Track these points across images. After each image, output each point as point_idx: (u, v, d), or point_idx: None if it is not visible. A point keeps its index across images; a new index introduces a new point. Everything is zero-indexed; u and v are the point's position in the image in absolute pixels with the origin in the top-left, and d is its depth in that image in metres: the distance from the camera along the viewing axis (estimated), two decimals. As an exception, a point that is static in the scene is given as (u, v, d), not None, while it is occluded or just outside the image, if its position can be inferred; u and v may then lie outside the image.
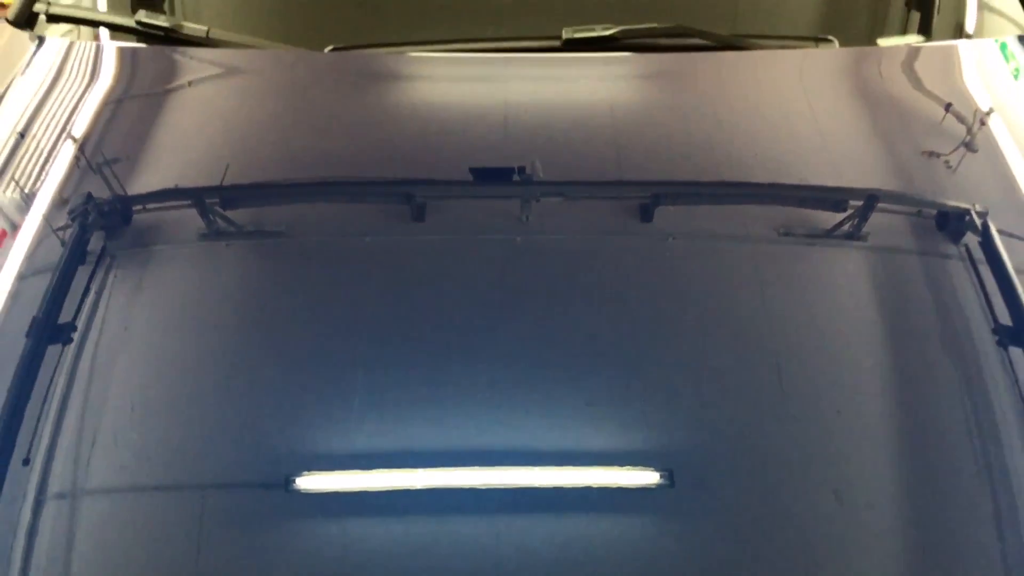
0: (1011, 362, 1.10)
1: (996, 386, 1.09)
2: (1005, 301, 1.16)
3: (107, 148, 1.41)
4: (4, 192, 1.35)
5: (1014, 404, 1.07)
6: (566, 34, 1.47)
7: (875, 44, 1.58)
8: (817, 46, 1.53)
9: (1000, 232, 1.24)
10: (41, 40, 1.62)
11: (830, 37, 1.53)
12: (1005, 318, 1.14)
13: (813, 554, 0.97)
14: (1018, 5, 1.67)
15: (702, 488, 1.02)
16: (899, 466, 1.03)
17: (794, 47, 1.54)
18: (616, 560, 0.96)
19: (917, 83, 1.56)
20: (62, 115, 1.46)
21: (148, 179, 1.38)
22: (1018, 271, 1.19)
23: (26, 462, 1.02)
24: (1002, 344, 1.12)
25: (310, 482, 1.02)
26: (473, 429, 1.05)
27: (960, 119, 1.45)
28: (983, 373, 1.11)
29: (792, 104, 1.47)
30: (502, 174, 1.36)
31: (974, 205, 1.28)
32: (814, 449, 1.04)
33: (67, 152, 1.40)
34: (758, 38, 1.53)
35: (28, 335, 1.13)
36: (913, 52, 1.59)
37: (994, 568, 0.95)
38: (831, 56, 1.53)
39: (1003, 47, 1.59)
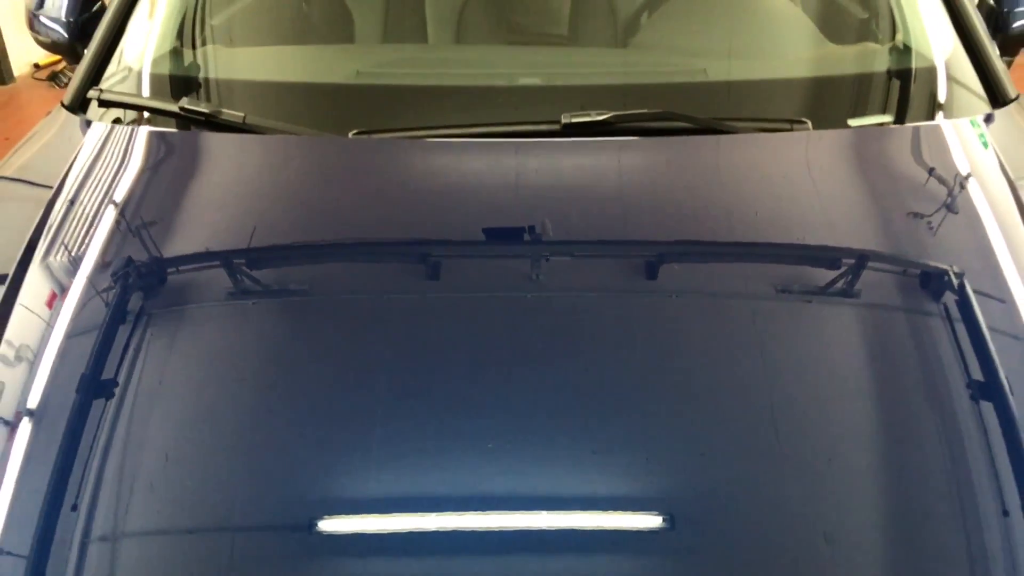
0: (981, 414, 1.13)
1: (970, 437, 1.11)
2: (978, 357, 1.19)
3: (147, 220, 1.45)
4: (55, 259, 1.39)
5: (985, 454, 1.09)
6: (565, 119, 1.51)
7: (847, 126, 1.61)
8: (792, 128, 1.57)
9: (975, 292, 1.27)
10: (92, 124, 1.68)
11: (804, 119, 1.57)
12: (977, 374, 1.17)
13: None
14: (980, 88, 1.71)
15: (701, 531, 1.04)
16: (884, 511, 1.05)
17: (771, 129, 1.57)
18: None
19: (887, 159, 1.59)
20: (108, 191, 1.50)
21: (183, 246, 1.41)
22: (990, 328, 1.22)
23: (74, 508, 1.05)
24: (974, 398, 1.15)
25: (331, 525, 1.04)
26: (484, 476, 1.07)
27: (932, 191, 1.48)
28: (958, 424, 1.12)
29: (776, 180, 1.51)
30: (513, 234, 1.40)
31: (952, 267, 1.31)
32: (805, 494, 1.05)
33: (112, 224, 1.44)
34: (738, 121, 1.56)
35: (77, 391, 1.17)
36: (883, 131, 1.62)
37: None
38: (806, 137, 1.56)
39: (972, 124, 1.62)
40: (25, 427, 1.14)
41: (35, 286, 1.34)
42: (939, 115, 1.67)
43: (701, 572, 1.01)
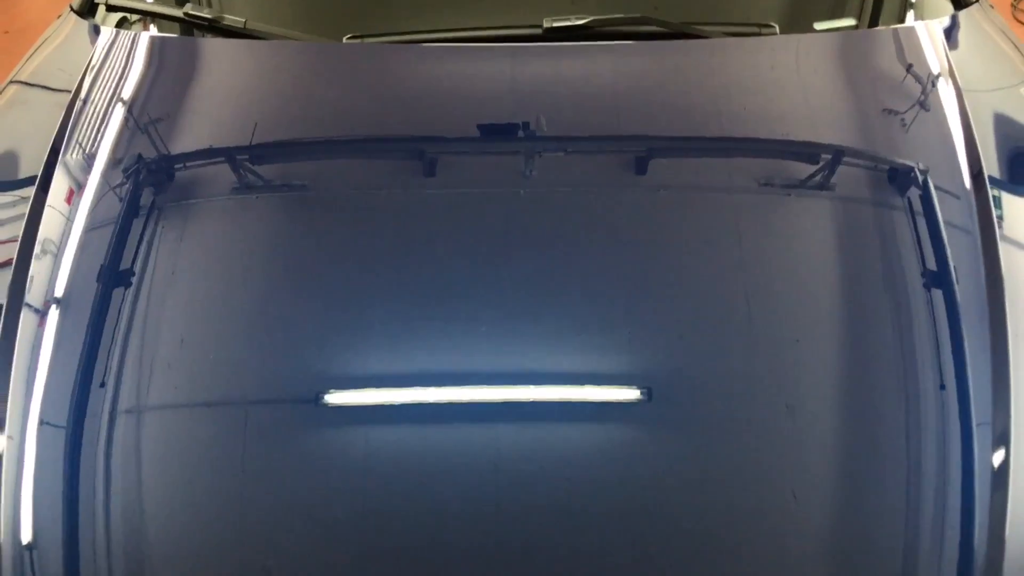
0: (931, 301, 1.19)
1: (919, 321, 1.17)
2: (933, 248, 1.24)
3: (155, 120, 1.48)
4: (71, 157, 1.41)
5: (931, 336, 1.15)
6: (546, 23, 1.52)
7: (812, 29, 1.62)
8: (760, 32, 1.58)
9: (936, 188, 1.31)
10: (101, 29, 1.68)
11: (772, 24, 1.58)
12: (931, 263, 1.22)
13: (766, 457, 1.06)
14: None
15: (675, 403, 1.11)
16: (840, 387, 1.12)
17: (740, 33, 1.59)
18: (599, 460, 1.05)
19: (852, 63, 1.60)
20: (122, 95, 1.52)
21: (191, 145, 1.45)
22: (946, 223, 1.26)
23: (102, 385, 1.12)
24: (926, 286, 1.20)
25: (335, 398, 1.11)
26: (477, 354, 1.13)
27: (899, 93, 1.50)
28: (911, 309, 1.18)
29: (743, 82, 1.53)
30: (507, 130, 1.42)
31: (918, 164, 1.35)
32: (772, 372, 1.12)
33: (122, 124, 1.46)
34: (708, 25, 1.58)
35: (98, 280, 1.22)
36: (846, 35, 1.63)
37: (917, 492, 1.04)
38: (772, 41, 1.58)
39: (934, 30, 1.61)
40: (54, 314, 1.20)
41: (60, 186, 1.37)
42: (906, 17, 1.67)
43: (674, 437, 1.09)
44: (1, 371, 1.11)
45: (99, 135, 1.45)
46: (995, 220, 1.26)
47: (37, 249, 1.26)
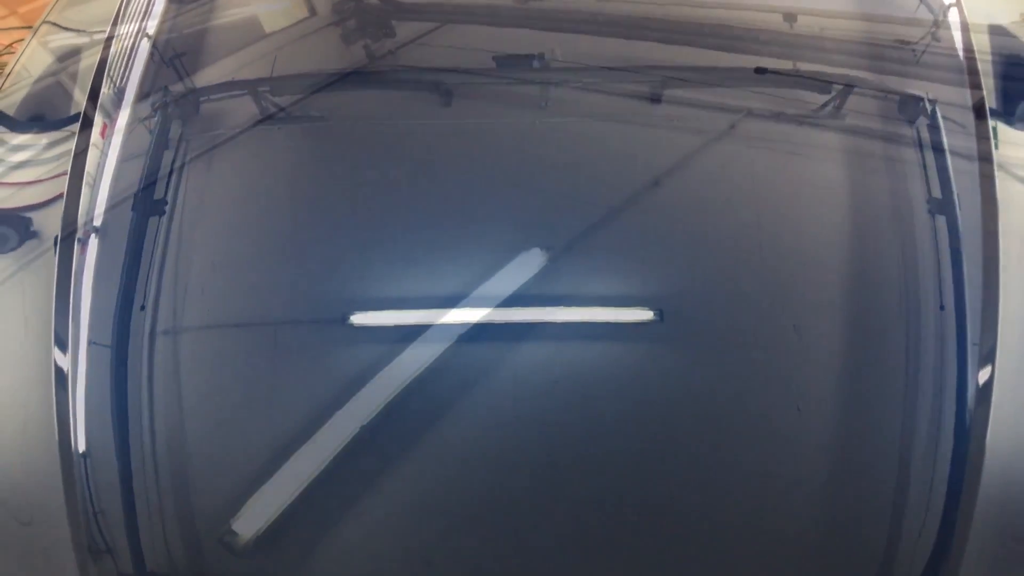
0: (935, 227, 1.22)
1: (923, 245, 1.21)
2: (937, 175, 1.27)
3: (182, 54, 1.51)
4: (110, 93, 1.45)
5: (933, 263, 1.19)
6: None
7: None
8: None
9: (941, 117, 1.33)
10: None
11: None
12: (935, 190, 1.26)
13: (773, 373, 1.11)
14: None
15: (685, 324, 1.16)
16: (844, 308, 1.16)
17: None
18: (613, 373, 1.10)
19: None
20: (144, 29, 1.55)
21: (216, 76, 1.48)
22: (951, 152, 1.29)
23: (142, 308, 1.18)
24: (930, 212, 1.24)
25: (359, 318, 1.17)
26: (494, 277, 1.17)
27: (909, 24, 1.52)
28: (915, 237, 1.22)
29: (761, 11, 1.54)
30: (522, 60, 1.45)
31: (927, 94, 1.37)
32: (779, 293, 1.17)
33: (151, 59, 1.50)
34: None
35: (133, 209, 1.28)
36: None
37: (905, 385, 1.10)
38: None
39: None
40: (98, 243, 1.26)
41: (101, 121, 1.41)
42: None
43: (685, 357, 1.14)
44: (61, 297, 1.18)
45: (132, 71, 1.48)
46: (993, 150, 1.29)
47: (84, 182, 1.31)
